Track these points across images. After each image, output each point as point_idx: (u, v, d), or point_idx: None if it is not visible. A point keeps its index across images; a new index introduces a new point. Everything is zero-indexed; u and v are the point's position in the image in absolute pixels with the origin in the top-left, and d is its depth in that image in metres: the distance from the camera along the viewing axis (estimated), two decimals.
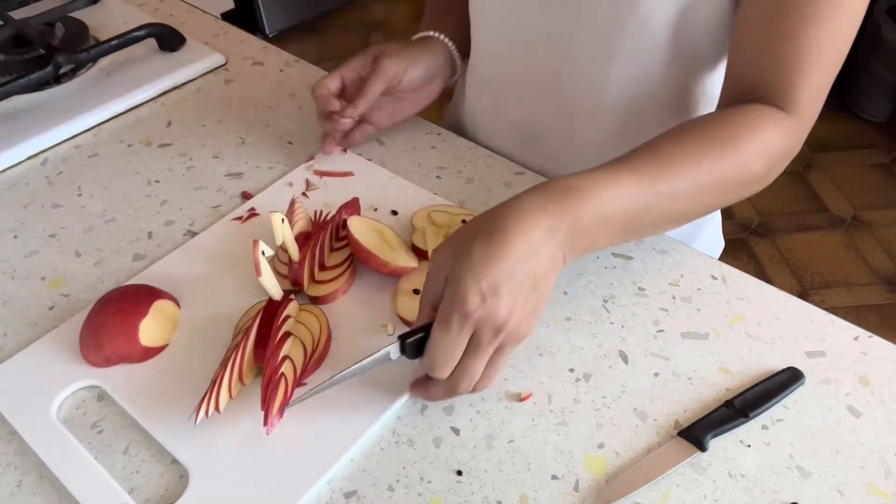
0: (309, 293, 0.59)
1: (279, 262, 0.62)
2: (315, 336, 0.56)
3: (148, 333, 0.55)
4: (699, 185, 0.54)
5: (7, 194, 0.74)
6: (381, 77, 0.69)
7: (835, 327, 0.57)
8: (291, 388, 0.52)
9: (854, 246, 1.90)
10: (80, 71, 0.88)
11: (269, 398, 0.49)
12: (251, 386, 0.54)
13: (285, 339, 0.53)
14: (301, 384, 0.53)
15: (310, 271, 0.60)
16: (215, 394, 0.49)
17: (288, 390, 0.51)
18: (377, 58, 0.70)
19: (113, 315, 0.55)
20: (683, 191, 0.54)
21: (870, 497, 0.47)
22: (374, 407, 0.52)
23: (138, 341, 0.55)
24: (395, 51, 0.71)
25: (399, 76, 0.70)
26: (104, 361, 0.55)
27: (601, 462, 0.50)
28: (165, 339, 0.57)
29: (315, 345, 0.55)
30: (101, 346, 0.54)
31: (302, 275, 0.59)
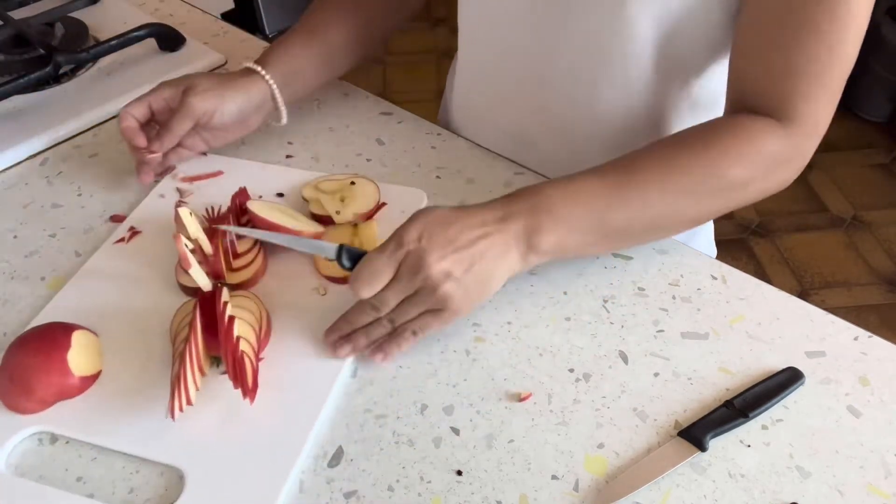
0: (231, 281, 0.60)
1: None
2: (256, 313, 0.57)
3: (78, 363, 0.53)
4: (669, 187, 0.55)
5: (7, 194, 0.74)
6: (187, 115, 0.67)
7: (835, 327, 0.57)
8: (255, 362, 0.53)
9: (854, 246, 1.90)
10: (79, 71, 0.88)
11: (241, 375, 0.50)
12: (210, 376, 0.54)
13: (232, 322, 0.53)
14: (260, 359, 0.55)
15: (226, 260, 0.61)
16: (183, 389, 0.50)
17: (254, 365, 0.53)
18: (185, 92, 0.68)
19: (34, 355, 0.53)
20: (652, 194, 0.55)
21: (870, 497, 0.47)
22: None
23: (71, 373, 0.53)
24: (207, 88, 0.68)
25: (209, 115, 0.68)
26: (39, 404, 0.52)
27: (601, 462, 0.50)
28: (97, 365, 0.55)
29: (259, 321, 0.56)
30: (33, 389, 0.51)
31: (220, 264, 0.60)
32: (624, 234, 0.57)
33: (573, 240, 0.55)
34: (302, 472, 0.50)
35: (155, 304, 0.60)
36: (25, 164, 0.77)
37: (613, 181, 0.55)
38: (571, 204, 0.54)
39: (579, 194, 0.55)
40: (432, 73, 2.44)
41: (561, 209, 0.54)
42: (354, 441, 0.51)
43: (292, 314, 0.59)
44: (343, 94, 0.85)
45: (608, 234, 0.56)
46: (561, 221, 0.54)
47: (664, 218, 0.57)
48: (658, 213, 0.56)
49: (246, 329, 0.54)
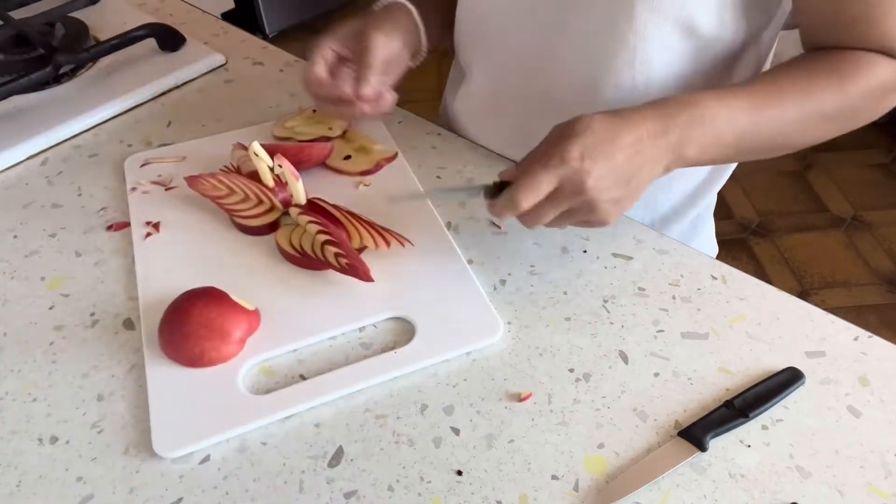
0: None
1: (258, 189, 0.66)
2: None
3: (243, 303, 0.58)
4: (807, 114, 0.57)
5: (7, 194, 0.74)
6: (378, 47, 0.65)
7: (835, 327, 0.57)
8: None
9: (854, 246, 1.90)
10: (80, 71, 0.88)
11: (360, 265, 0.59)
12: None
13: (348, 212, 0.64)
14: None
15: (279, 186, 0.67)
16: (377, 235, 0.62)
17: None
18: (362, 32, 0.66)
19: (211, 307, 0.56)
20: (791, 118, 0.57)
21: (870, 497, 0.47)
22: None
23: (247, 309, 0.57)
24: (375, 26, 0.66)
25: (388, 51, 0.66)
26: (238, 345, 0.56)
27: (601, 462, 0.50)
28: (251, 305, 0.59)
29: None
30: (229, 331, 0.55)
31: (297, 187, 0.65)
32: (756, 153, 0.60)
33: (714, 154, 0.57)
34: (302, 471, 0.50)
35: (237, 250, 0.65)
36: (25, 164, 0.77)
37: (761, 101, 0.57)
38: (725, 125, 0.56)
39: (733, 117, 0.56)
40: (432, 73, 2.44)
41: (715, 127, 0.55)
42: (354, 441, 0.51)
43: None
44: None
45: (745, 152, 0.59)
46: (711, 145, 0.56)
47: (789, 139, 0.59)
48: (787, 134, 0.58)
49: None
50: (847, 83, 0.58)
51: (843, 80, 0.58)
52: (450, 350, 0.56)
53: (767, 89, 0.58)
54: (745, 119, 0.56)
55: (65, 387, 0.56)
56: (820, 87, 0.58)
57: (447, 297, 0.59)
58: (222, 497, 0.49)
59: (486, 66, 0.74)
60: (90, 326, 0.60)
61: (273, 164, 0.64)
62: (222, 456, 0.51)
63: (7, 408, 0.54)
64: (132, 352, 0.58)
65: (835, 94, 0.58)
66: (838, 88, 0.58)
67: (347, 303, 0.59)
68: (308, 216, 0.62)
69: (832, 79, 0.58)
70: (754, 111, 0.57)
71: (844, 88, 0.58)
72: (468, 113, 0.80)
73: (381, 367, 0.55)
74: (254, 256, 0.64)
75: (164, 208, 0.69)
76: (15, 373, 0.57)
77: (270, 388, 0.54)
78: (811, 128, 0.59)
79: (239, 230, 0.66)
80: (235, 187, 0.66)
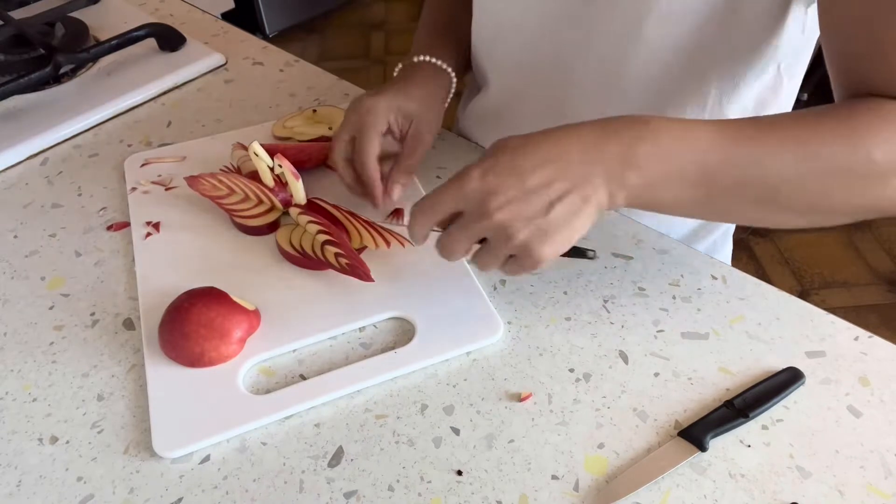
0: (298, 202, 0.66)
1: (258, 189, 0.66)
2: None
3: (243, 303, 0.58)
4: (802, 154, 0.46)
5: (7, 194, 0.74)
6: (422, 145, 0.64)
7: (835, 327, 0.57)
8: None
9: (854, 246, 1.90)
10: (80, 71, 0.88)
11: (360, 265, 0.58)
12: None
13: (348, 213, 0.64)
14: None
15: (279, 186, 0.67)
16: (377, 235, 0.62)
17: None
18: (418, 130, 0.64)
19: (211, 307, 0.55)
20: (778, 163, 0.45)
21: (870, 497, 0.47)
22: None
23: (247, 309, 0.57)
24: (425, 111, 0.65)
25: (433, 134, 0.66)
26: (238, 344, 0.56)
27: (601, 462, 0.50)
28: (251, 305, 0.59)
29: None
30: (229, 331, 0.55)
31: (297, 187, 0.65)
32: (736, 206, 0.48)
33: (672, 190, 0.46)
34: (302, 471, 0.50)
35: (237, 250, 0.65)
36: (25, 164, 0.77)
37: (734, 134, 0.46)
38: (683, 152, 0.45)
39: (694, 144, 0.46)
40: None
41: (669, 152, 0.45)
42: (354, 441, 0.51)
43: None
44: (343, 94, 0.85)
45: (715, 196, 0.47)
46: (664, 175, 0.46)
47: (787, 191, 0.46)
48: (781, 183, 0.46)
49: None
50: (870, 134, 0.46)
51: (867, 130, 0.46)
52: (450, 350, 0.56)
53: (747, 124, 0.47)
54: (710, 151, 0.45)
55: (65, 387, 0.56)
56: (823, 133, 0.46)
57: (447, 297, 0.59)
58: (222, 497, 0.49)
59: (500, 79, 0.74)
60: (90, 326, 0.60)
61: (273, 164, 0.64)
62: (222, 456, 0.51)
63: (7, 408, 0.54)
64: (132, 352, 0.58)
65: (846, 143, 0.46)
66: (851, 139, 0.46)
67: (347, 303, 0.59)
68: (308, 216, 0.62)
69: (845, 128, 0.46)
70: (725, 144, 0.46)
71: (863, 140, 0.46)
72: (481, 125, 0.80)
73: (381, 367, 0.55)
74: (254, 256, 0.64)
75: (164, 208, 0.69)
76: (15, 373, 0.57)
77: (270, 388, 0.54)
78: (815, 182, 0.47)
79: (239, 230, 0.66)
80: (235, 187, 0.66)
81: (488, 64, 0.74)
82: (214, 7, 1.90)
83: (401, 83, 0.66)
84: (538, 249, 0.47)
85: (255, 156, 0.64)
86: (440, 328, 0.57)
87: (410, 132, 0.64)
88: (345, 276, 0.59)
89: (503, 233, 0.46)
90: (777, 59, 0.62)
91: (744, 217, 0.51)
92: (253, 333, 0.57)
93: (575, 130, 0.47)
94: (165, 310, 0.56)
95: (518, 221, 0.46)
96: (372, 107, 0.62)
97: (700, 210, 0.49)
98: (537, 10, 0.65)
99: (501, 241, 0.47)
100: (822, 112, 0.48)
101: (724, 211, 0.51)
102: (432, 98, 0.67)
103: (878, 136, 0.46)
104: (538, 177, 0.46)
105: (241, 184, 0.66)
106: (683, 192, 0.47)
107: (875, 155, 0.45)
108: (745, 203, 0.48)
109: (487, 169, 0.46)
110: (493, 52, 0.73)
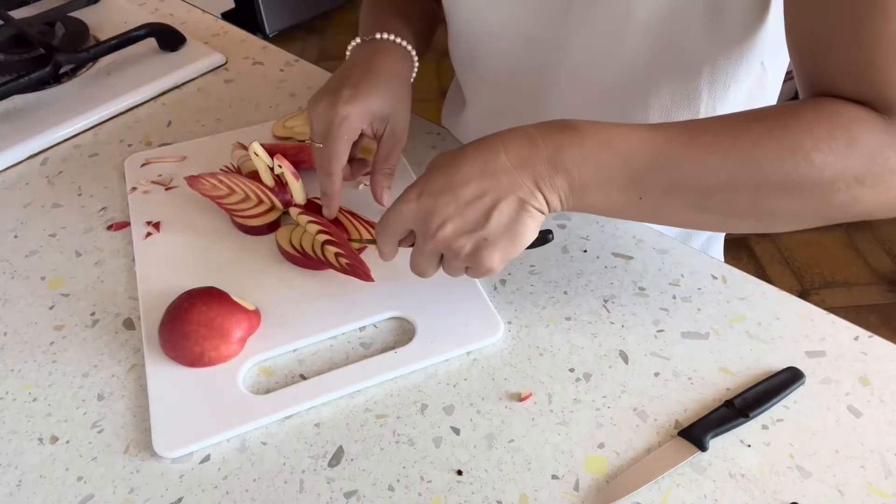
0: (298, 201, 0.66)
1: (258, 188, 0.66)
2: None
3: (243, 303, 0.58)
4: (735, 156, 0.44)
5: (7, 194, 0.74)
6: (398, 145, 0.63)
7: (835, 327, 0.57)
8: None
9: (854, 246, 1.90)
10: (80, 70, 0.88)
11: (361, 265, 0.58)
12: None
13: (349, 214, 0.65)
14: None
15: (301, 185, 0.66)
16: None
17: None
18: (393, 131, 0.63)
19: (211, 307, 0.55)
20: (708, 167, 0.44)
21: (870, 497, 0.47)
22: None
23: (247, 309, 0.57)
24: (395, 108, 0.62)
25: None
26: (238, 344, 0.56)
27: (601, 462, 0.50)
28: (251, 305, 0.59)
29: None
30: (229, 331, 0.55)
31: (297, 188, 0.65)
32: (667, 209, 0.47)
33: (599, 193, 0.46)
34: (302, 471, 0.50)
35: (237, 249, 0.65)
36: (25, 164, 0.77)
37: (664, 138, 0.45)
38: (611, 154, 0.45)
39: (624, 145, 0.45)
40: (432, 72, 2.44)
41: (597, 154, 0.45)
42: (354, 441, 0.51)
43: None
44: None
45: (647, 200, 0.46)
46: (592, 177, 0.45)
47: (721, 195, 0.45)
48: (713, 188, 0.45)
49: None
50: (807, 135, 0.43)
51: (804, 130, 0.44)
52: (450, 350, 0.56)
53: (680, 126, 0.46)
54: (639, 152, 0.44)
55: (65, 386, 0.56)
56: (757, 133, 0.44)
57: (447, 297, 0.59)
58: (222, 497, 0.49)
59: (481, 93, 0.73)
60: (90, 326, 0.60)
61: (273, 164, 0.64)
62: (222, 456, 0.51)
63: (7, 408, 0.54)
64: (132, 352, 0.58)
65: (781, 144, 0.44)
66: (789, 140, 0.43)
67: (347, 303, 0.59)
68: (308, 216, 0.62)
69: (781, 129, 0.44)
70: (656, 144, 0.44)
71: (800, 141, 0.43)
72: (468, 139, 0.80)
73: (381, 366, 0.55)
74: (254, 256, 0.64)
75: (164, 208, 0.69)
76: (15, 372, 0.57)
77: (270, 388, 0.54)
78: (750, 185, 0.45)
79: (239, 230, 0.66)
80: (235, 187, 0.66)
81: (469, 80, 0.74)
82: (214, 7, 1.90)
83: (368, 75, 0.61)
84: (487, 259, 0.48)
85: (255, 156, 0.64)
86: (440, 328, 0.57)
87: (386, 134, 0.62)
88: (345, 276, 0.59)
89: (449, 250, 0.48)
90: (762, 56, 0.61)
91: (689, 222, 0.50)
92: (253, 333, 0.57)
93: (503, 139, 0.47)
94: (165, 310, 0.56)
95: (460, 237, 0.48)
96: (347, 116, 0.58)
97: (639, 214, 0.48)
98: (513, 22, 0.64)
99: (451, 257, 0.49)
100: (762, 112, 0.47)
101: (664, 216, 0.49)
102: (402, 88, 0.63)
103: (814, 136, 0.43)
104: (470, 190, 0.46)
105: (241, 184, 0.66)
106: (614, 197, 0.46)
107: (813, 157, 0.43)
108: (681, 208, 0.47)
109: (422, 191, 0.48)
110: (473, 68, 0.72)
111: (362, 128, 0.60)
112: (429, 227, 0.48)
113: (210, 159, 0.74)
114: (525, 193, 0.46)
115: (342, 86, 0.60)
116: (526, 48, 0.64)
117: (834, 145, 0.43)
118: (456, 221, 0.47)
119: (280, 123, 0.77)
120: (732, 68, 0.61)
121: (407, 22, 0.67)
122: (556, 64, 0.63)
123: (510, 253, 0.49)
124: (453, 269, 0.51)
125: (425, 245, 0.49)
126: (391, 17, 0.67)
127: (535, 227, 0.48)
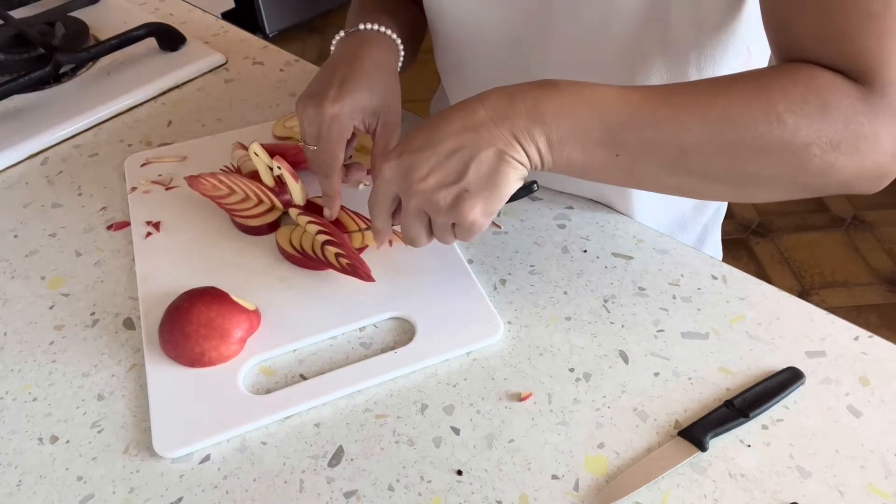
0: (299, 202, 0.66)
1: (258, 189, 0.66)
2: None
3: (243, 303, 0.58)
4: (713, 116, 0.45)
5: (7, 194, 0.74)
6: (393, 136, 0.62)
7: (835, 327, 0.57)
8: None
9: (854, 246, 1.90)
10: (80, 70, 0.88)
11: (361, 265, 0.59)
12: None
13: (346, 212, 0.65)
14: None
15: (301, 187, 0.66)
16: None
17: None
18: (386, 123, 0.61)
19: (211, 307, 0.55)
20: (683, 125, 0.45)
21: (870, 497, 0.47)
22: None
23: (247, 309, 0.57)
24: (386, 99, 0.61)
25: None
26: (239, 344, 0.56)
27: (601, 462, 0.50)
28: (251, 305, 0.59)
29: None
30: (229, 331, 0.55)
31: (296, 189, 0.65)
32: (643, 169, 0.48)
33: (577, 147, 0.47)
34: (302, 471, 0.50)
35: (237, 250, 0.65)
36: (25, 164, 0.77)
37: (641, 96, 0.46)
38: (588, 109, 0.46)
39: (599, 101, 0.46)
40: (432, 72, 2.44)
41: (573, 108, 0.46)
42: (354, 440, 0.51)
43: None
44: None
45: (624, 157, 0.47)
46: (570, 131, 0.46)
47: (696, 155, 0.46)
48: (689, 146, 0.45)
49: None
50: (781, 97, 0.44)
51: (779, 93, 0.44)
52: (450, 350, 0.56)
53: (655, 88, 0.47)
54: (616, 109, 0.45)
55: (65, 386, 0.56)
56: (731, 95, 0.45)
57: (447, 297, 0.59)
58: (222, 497, 0.49)
59: (470, 85, 0.73)
60: (90, 326, 0.60)
61: (273, 164, 0.64)
62: (222, 456, 0.51)
63: (7, 408, 0.54)
64: (132, 351, 0.58)
65: (755, 105, 0.45)
66: (763, 102, 0.44)
67: (347, 303, 0.59)
68: (308, 216, 0.62)
69: (756, 91, 0.45)
70: (632, 103, 0.46)
71: (774, 103, 0.44)
72: None
73: (381, 366, 0.55)
74: (254, 256, 0.64)
75: (164, 208, 0.69)
76: (15, 372, 0.57)
77: (270, 388, 0.54)
78: (727, 146, 0.45)
79: (239, 230, 0.66)
80: (235, 187, 0.66)
81: (455, 88, 0.73)
82: (214, 7, 1.90)
83: (353, 70, 0.60)
84: (468, 211, 0.48)
85: (255, 156, 0.64)
86: (440, 328, 0.57)
87: (379, 127, 0.62)
88: (345, 276, 0.59)
89: (430, 204, 0.49)
90: (747, 40, 0.60)
91: (667, 185, 0.50)
92: (253, 333, 0.57)
93: (482, 97, 0.49)
94: (165, 310, 0.56)
95: (440, 190, 0.48)
96: (336, 116, 0.58)
97: (618, 174, 0.49)
98: (497, 26, 0.64)
99: (433, 212, 0.49)
100: (739, 76, 0.47)
101: (642, 176, 0.49)
102: (389, 79, 0.62)
103: (787, 99, 0.44)
104: (449, 144, 0.48)
105: (241, 184, 0.66)
106: (591, 151, 0.47)
107: (786, 118, 0.44)
108: (658, 168, 0.48)
109: (403, 150, 0.49)
110: (459, 75, 0.72)
111: (353, 125, 0.60)
112: (410, 182, 0.49)
113: (210, 159, 0.74)
114: (504, 144, 0.47)
115: (328, 85, 0.59)
116: (512, 51, 0.64)
117: (807, 109, 0.44)
118: (436, 174, 0.48)
119: (280, 123, 0.77)
120: (720, 54, 0.60)
121: (393, 17, 0.67)
122: (542, 64, 0.63)
123: (492, 204, 0.49)
124: (439, 227, 0.51)
125: (409, 202, 0.50)
126: (376, 12, 0.66)
127: (515, 177, 0.49)
